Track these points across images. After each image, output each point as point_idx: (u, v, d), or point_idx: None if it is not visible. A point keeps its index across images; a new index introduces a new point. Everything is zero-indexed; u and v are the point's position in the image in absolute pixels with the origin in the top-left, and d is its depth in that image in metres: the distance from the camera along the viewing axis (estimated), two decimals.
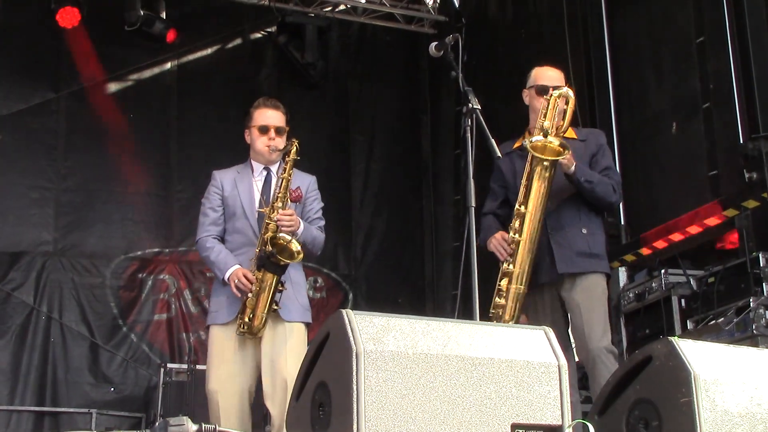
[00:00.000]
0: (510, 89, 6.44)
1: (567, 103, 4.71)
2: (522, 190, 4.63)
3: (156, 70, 9.20)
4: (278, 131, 5.03)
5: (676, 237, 6.71)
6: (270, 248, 4.67)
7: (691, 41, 6.98)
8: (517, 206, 4.62)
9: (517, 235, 4.60)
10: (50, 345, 8.31)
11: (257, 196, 5.00)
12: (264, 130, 5.02)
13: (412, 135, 9.97)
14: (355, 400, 2.63)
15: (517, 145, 4.99)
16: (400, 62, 10.05)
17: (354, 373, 2.65)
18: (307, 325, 4.98)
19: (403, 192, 9.83)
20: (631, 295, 6.78)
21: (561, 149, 4.54)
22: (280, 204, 4.81)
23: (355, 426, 2.60)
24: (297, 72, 9.22)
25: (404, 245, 9.73)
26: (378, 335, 2.76)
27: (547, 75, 4.98)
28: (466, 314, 4.33)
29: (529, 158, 4.60)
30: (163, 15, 8.58)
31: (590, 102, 7.84)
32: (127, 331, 8.57)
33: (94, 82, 8.91)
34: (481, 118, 4.35)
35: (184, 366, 7.68)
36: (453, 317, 4.26)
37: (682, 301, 6.20)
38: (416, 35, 9.77)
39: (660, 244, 6.88)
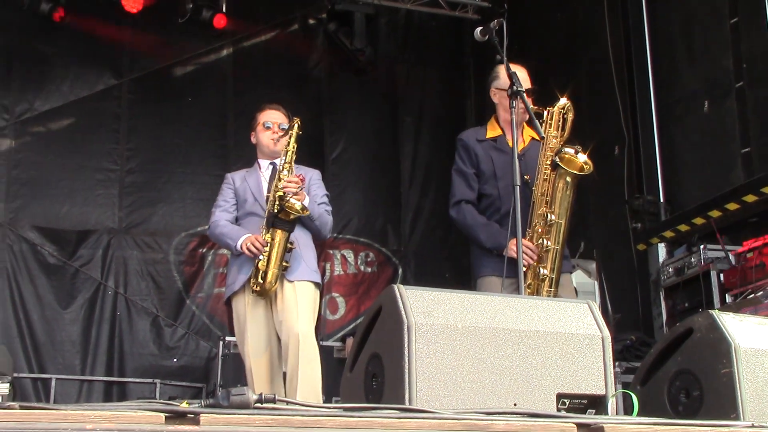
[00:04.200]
0: (549, 71, 6.41)
1: (566, 112, 4.63)
2: (542, 197, 4.56)
3: (213, 56, 9.25)
4: (281, 128, 5.13)
5: (714, 213, 6.62)
6: (278, 204, 4.73)
7: (725, 22, 6.86)
8: (545, 213, 4.54)
9: (549, 243, 4.53)
10: (117, 318, 8.43)
11: (265, 184, 5.11)
12: (268, 126, 5.17)
13: (458, 116, 9.91)
14: (406, 371, 2.63)
15: (492, 135, 4.93)
16: (445, 47, 10.00)
17: (405, 345, 2.66)
18: (317, 285, 4.98)
19: (449, 173, 9.77)
20: (670, 269, 6.72)
21: (584, 165, 4.47)
22: (285, 172, 4.90)
23: (407, 396, 2.61)
24: (346, 58, 9.19)
25: (450, 223, 9.68)
26: (428, 309, 2.77)
27: (517, 76, 4.75)
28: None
29: (548, 165, 4.52)
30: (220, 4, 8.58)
31: (629, 83, 7.75)
32: (189, 304, 8.66)
33: (155, 69, 8.97)
34: (526, 98, 4.32)
35: None
36: (495, 292, 4.25)
37: (721, 275, 6.12)
38: (460, 21, 9.70)
39: (698, 221, 6.80)
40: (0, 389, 5.80)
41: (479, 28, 4.55)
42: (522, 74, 4.74)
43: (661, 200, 7.45)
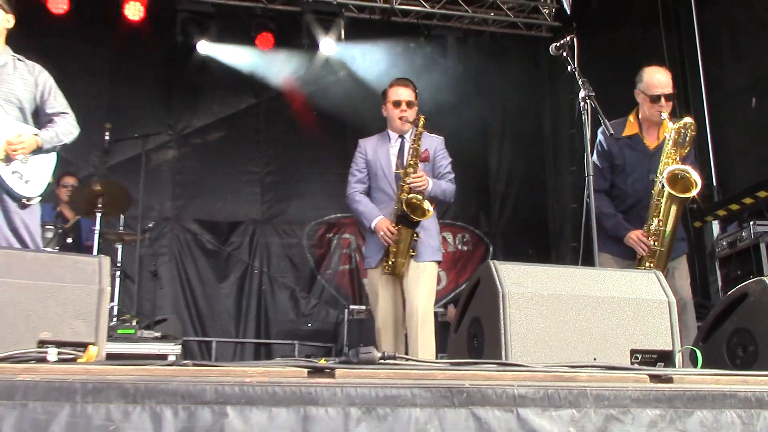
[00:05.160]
0: (614, 78, 6.23)
1: (687, 130, 4.46)
2: (657, 204, 4.46)
3: (332, 77, 9.29)
4: (409, 104, 5.00)
5: (762, 194, 6.36)
6: (405, 208, 4.67)
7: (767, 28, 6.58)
8: (657, 223, 4.46)
9: (658, 246, 4.46)
10: (262, 292, 8.61)
11: (393, 160, 4.98)
12: (397, 104, 4.99)
13: (535, 119, 9.77)
14: (502, 332, 2.62)
15: (628, 133, 4.77)
16: (523, 61, 9.84)
17: (501, 311, 2.64)
18: (438, 262, 4.93)
19: (530, 165, 9.66)
20: (724, 243, 6.49)
21: (694, 184, 4.33)
22: (411, 170, 4.78)
23: (503, 352, 2.59)
24: (442, 73, 9.14)
25: (531, 208, 9.58)
26: (519, 280, 2.74)
27: (657, 80, 4.65)
28: (585, 263, 4.25)
29: (666, 181, 4.36)
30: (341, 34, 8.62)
31: (683, 85, 7.49)
32: (320, 279, 8.77)
33: (287, 88, 9.08)
34: (595, 102, 4.22)
35: (363, 307, 7.80)
36: (574, 265, 4.18)
37: None
38: (535, 39, 9.54)
39: (747, 201, 6.55)
40: (174, 350, 5.97)
41: (554, 44, 4.45)
42: (665, 78, 4.63)
43: (714, 184, 7.20)
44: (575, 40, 4.40)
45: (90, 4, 8.10)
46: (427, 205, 4.69)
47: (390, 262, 4.78)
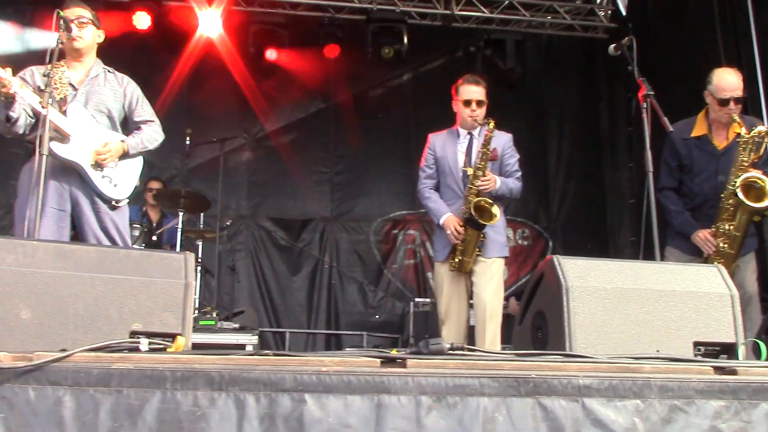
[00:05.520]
0: (670, 78, 6.08)
1: (761, 138, 4.31)
2: (728, 208, 4.35)
3: (396, 81, 9.31)
4: (479, 104, 4.92)
5: None
6: (474, 212, 4.61)
7: None
8: (728, 228, 4.36)
9: (727, 247, 4.37)
10: (332, 286, 8.64)
11: (461, 158, 4.89)
12: (467, 103, 4.90)
13: (593, 118, 9.56)
14: (566, 324, 2.58)
15: (696, 133, 4.64)
16: (581, 62, 9.66)
17: (564, 304, 2.60)
18: (505, 258, 4.87)
19: (588, 163, 9.47)
20: None
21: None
22: (480, 172, 4.71)
23: (567, 344, 2.56)
24: (501, 76, 9.05)
25: (590, 204, 9.39)
26: (581, 274, 2.69)
27: (727, 83, 4.49)
28: (646, 257, 4.14)
29: (739, 190, 4.24)
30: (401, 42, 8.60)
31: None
32: (386, 273, 8.77)
33: (352, 94, 9.12)
34: (655, 101, 4.11)
35: (427, 299, 7.77)
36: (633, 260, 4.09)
37: None
38: (592, 40, 9.35)
39: None
40: (251, 340, 6.05)
41: (613, 45, 4.36)
42: (735, 81, 4.50)
43: None
44: (634, 40, 4.30)
45: (170, 20, 8.28)
46: (495, 210, 4.62)
47: (457, 260, 4.74)
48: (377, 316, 8.61)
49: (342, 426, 1.92)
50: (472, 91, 4.92)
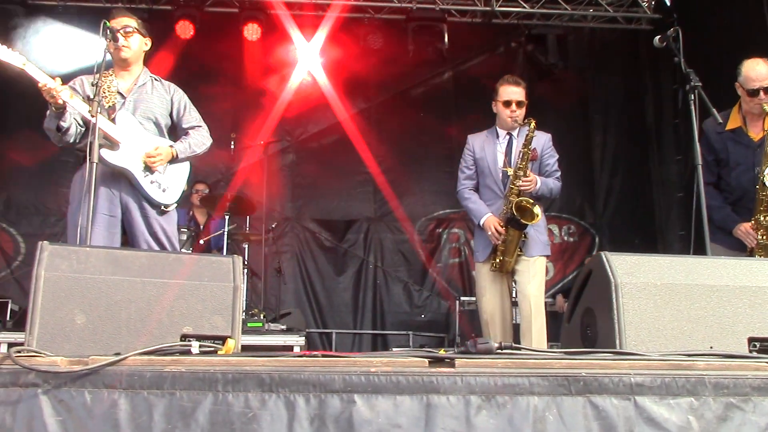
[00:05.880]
0: (716, 68, 5.93)
1: None
2: (763, 199, 4.26)
3: (437, 79, 9.28)
4: (519, 104, 4.91)
5: None
6: (515, 212, 4.60)
7: None
8: (764, 219, 4.27)
9: (765, 239, 4.27)
10: (377, 286, 8.67)
11: (500, 158, 4.88)
12: (507, 104, 4.90)
13: (638, 111, 9.42)
14: (616, 321, 2.54)
15: (731, 126, 4.55)
16: (624, 55, 9.51)
17: (614, 301, 2.56)
18: (547, 256, 4.85)
19: (633, 157, 9.33)
20: None
21: None
22: (521, 172, 4.70)
23: (617, 342, 2.52)
24: (543, 71, 8.98)
25: (636, 198, 9.25)
26: (631, 270, 2.65)
27: (756, 73, 4.40)
28: (697, 252, 4.06)
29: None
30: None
31: None
32: (431, 272, 8.75)
33: (393, 93, 9.13)
34: (702, 93, 4.03)
35: (473, 298, 7.72)
36: (685, 254, 4.02)
37: None
38: (635, 32, 9.21)
39: None
40: (298, 341, 6.10)
41: (658, 37, 4.27)
42: (764, 71, 4.41)
43: None
44: (680, 31, 4.21)
45: (212, 29, 8.39)
46: (537, 210, 4.61)
47: (498, 260, 4.74)
48: (423, 316, 8.60)
49: (392, 426, 1.93)
50: (512, 91, 4.91)
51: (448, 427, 1.93)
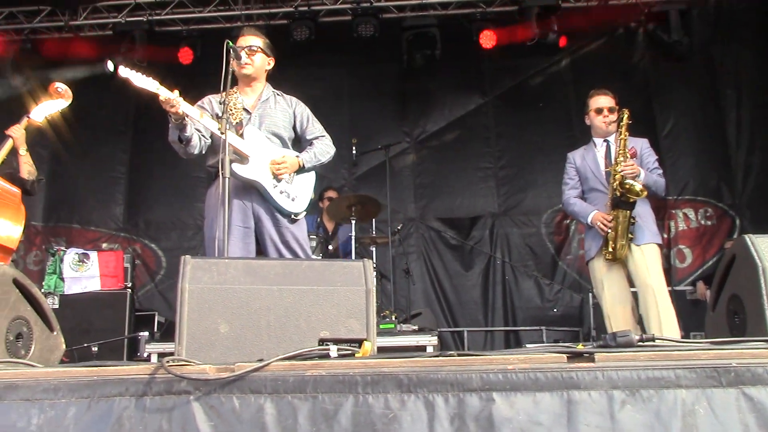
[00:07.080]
0: None
1: None
2: None
3: (555, 67, 9.10)
4: (610, 110, 5.08)
5: None
6: (621, 190, 4.71)
7: None
8: None
9: None
10: (506, 281, 8.58)
11: (602, 162, 5.04)
12: (599, 111, 5.11)
13: None
14: (766, 307, 2.40)
15: None
16: (755, 26, 8.95)
17: (762, 285, 2.43)
18: (659, 245, 4.87)
19: None
20: None
21: None
22: (621, 159, 4.83)
23: None
24: (666, 49, 8.59)
25: None
26: None
27: None
28: None
29: None
30: (555, 28, 8.40)
31: None
32: (561, 264, 8.59)
33: (511, 85, 9.02)
34: None
35: None
36: None
37: None
38: (766, 1, 8.66)
39: None
40: (431, 341, 6.11)
41: None
42: None
43: None
44: None
45: (325, 33, 8.57)
46: (638, 186, 4.67)
47: (610, 248, 4.80)
48: (555, 310, 8.45)
49: (533, 423, 1.91)
50: (603, 100, 5.15)
51: (591, 423, 1.89)
